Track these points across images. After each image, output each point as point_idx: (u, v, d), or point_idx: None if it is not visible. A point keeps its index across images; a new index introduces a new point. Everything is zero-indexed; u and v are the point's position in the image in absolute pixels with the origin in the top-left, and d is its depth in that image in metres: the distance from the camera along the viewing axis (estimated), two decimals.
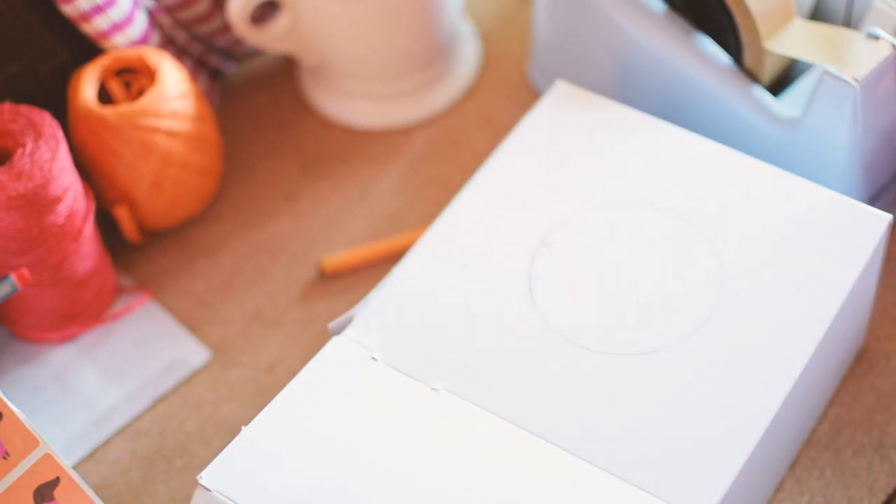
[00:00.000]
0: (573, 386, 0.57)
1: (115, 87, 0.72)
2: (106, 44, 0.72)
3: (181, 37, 0.78)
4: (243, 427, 0.57)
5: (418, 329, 0.60)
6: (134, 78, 0.73)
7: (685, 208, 0.62)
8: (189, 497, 0.65)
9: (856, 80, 0.63)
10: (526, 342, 0.59)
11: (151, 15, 0.75)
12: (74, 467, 0.66)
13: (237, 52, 0.83)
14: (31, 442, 0.58)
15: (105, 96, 0.72)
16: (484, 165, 0.66)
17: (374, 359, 0.58)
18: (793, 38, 0.66)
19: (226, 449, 0.56)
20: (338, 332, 0.60)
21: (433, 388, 0.57)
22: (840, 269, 0.59)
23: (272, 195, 0.78)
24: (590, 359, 0.58)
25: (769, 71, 0.69)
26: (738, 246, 0.61)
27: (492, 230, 0.63)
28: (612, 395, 0.56)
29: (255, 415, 0.67)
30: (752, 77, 0.69)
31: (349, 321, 0.60)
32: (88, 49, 0.73)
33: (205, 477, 0.55)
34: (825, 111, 0.65)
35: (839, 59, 0.64)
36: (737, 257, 0.60)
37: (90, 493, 0.58)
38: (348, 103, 0.82)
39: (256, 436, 0.56)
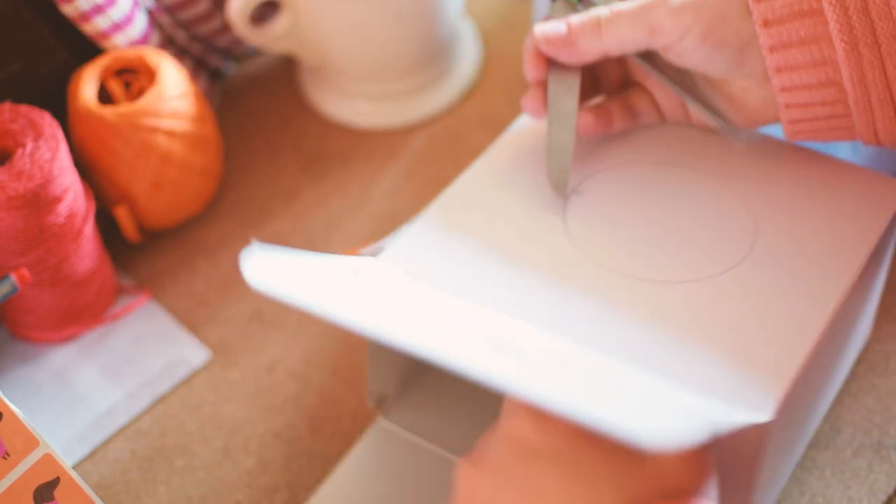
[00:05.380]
0: (619, 313, 0.56)
1: (115, 87, 0.72)
2: (106, 44, 0.72)
3: (181, 37, 0.78)
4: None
5: (451, 261, 0.59)
6: (134, 78, 0.73)
7: (714, 168, 0.62)
8: (189, 497, 0.65)
9: None
10: (568, 276, 0.58)
11: (151, 15, 0.75)
12: (74, 467, 0.66)
13: (237, 52, 0.83)
14: (31, 442, 0.58)
15: (105, 96, 0.72)
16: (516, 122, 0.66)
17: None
18: None
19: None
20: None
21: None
22: (863, 229, 0.59)
23: (272, 195, 0.78)
24: (633, 287, 0.57)
25: None
26: (768, 200, 0.60)
27: (524, 179, 0.63)
28: (660, 321, 0.56)
29: (256, 415, 0.68)
30: None
31: (379, 251, 0.59)
32: (88, 49, 0.73)
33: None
34: None
35: None
36: (768, 212, 0.60)
37: (90, 493, 0.58)
38: (348, 103, 0.82)
39: None
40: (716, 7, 0.57)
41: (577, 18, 0.60)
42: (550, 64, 0.62)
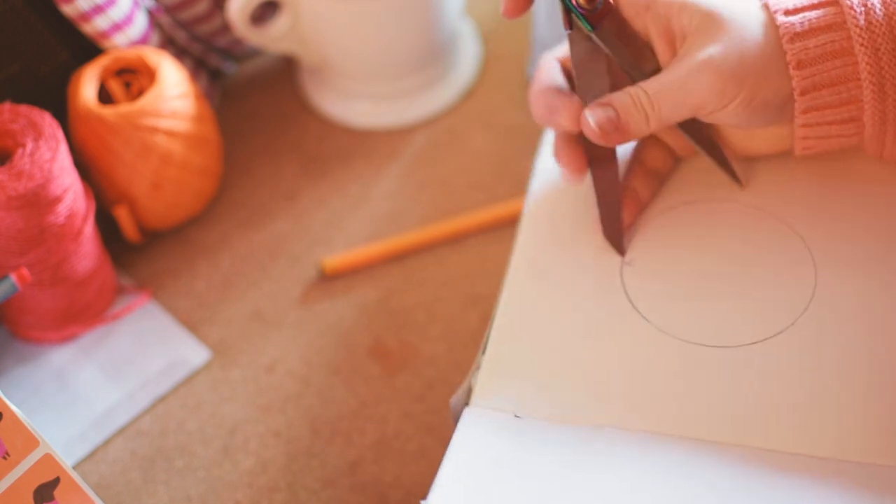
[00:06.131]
0: (718, 385, 0.55)
1: (115, 87, 0.72)
2: (106, 44, 0.72)
3: (181, 37, 0.78)
4: None
5: (542, 375, 0.57)
6: (134, 78, 0.73)
7: (749, 194, 0.61)
8: (189, 497, 0.65)
9: None
10: (652, 357, 0.57)
11: (151, 15, 0.75)
12: (74, 467, 0.66)
13: (237, 52, 0.83)
14: (31, 442, 0.58)
15: (105, 96, 0.72)
16: (528, 192, 0.64)
17: (517, 416, 0.55)
18: None
19: None
20: (462, 403, 0.57)
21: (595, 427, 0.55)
22: None
23: (272, 195, 0.78)
24: (718, 356, 0.56)
25: None
26: (819, 227, 0.60)
27: (568, 262, 0.61)
28: (763, 383, 0.55)
29: (256, 415, 0.67)
30: None
31: (468, 390, 0.57)
32: (88, 49, 0.73)
33: None
34: None
35: None
36: (821, 239, 0.59)
37: (90, 493, 0.58)
38: (348, 103, 0.82)
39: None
40: (758, 69, 0.55)
41: (619, 99, 0.57)
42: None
